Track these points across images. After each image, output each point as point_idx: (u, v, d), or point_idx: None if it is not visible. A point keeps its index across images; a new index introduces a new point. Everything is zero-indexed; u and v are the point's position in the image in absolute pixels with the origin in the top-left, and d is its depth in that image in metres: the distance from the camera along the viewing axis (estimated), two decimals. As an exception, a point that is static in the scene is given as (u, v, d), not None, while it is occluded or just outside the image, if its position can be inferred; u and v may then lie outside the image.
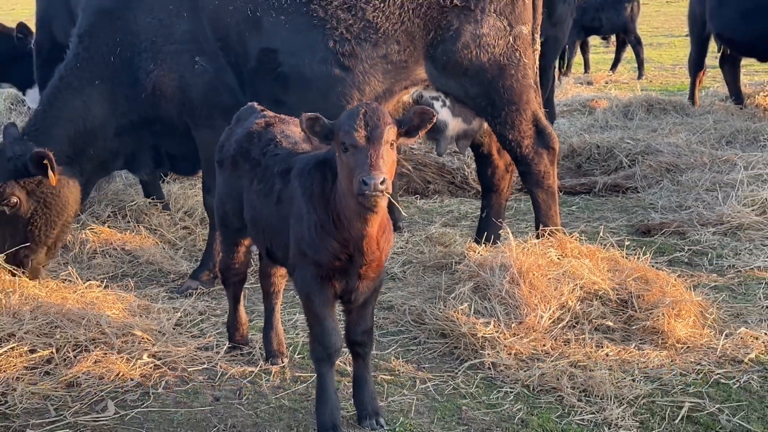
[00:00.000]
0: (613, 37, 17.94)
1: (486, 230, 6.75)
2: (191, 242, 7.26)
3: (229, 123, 5.36)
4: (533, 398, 4.66)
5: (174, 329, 5.47)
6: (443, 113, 6.37)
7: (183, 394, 4.76)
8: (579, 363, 4.91)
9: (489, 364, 4.96)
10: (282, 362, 5.05)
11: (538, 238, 6.06)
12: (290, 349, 5.18)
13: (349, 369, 4.58)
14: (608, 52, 19.08)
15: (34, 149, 6.02)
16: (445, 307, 5.44)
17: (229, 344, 5.25)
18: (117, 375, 4.87)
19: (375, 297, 4.30)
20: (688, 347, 5.15)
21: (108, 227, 7.31)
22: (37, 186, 6.15)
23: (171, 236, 7.31)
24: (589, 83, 16.33)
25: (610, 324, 5.31)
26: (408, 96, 6.32)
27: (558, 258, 5.68)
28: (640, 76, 16.76)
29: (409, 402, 4.62)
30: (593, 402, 4.56)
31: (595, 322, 5.31)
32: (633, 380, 4.75)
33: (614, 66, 17.68)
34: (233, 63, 6.21)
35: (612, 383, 4.67)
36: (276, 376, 4.92)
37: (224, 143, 4.96)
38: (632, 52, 17.15)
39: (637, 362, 4.97)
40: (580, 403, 4.55)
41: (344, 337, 4.34)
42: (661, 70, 17.86)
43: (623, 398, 4.57)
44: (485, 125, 6.56)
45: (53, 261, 6.76)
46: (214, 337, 5.39)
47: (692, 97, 12.77)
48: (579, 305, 5.37)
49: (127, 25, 6.24)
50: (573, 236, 6.03)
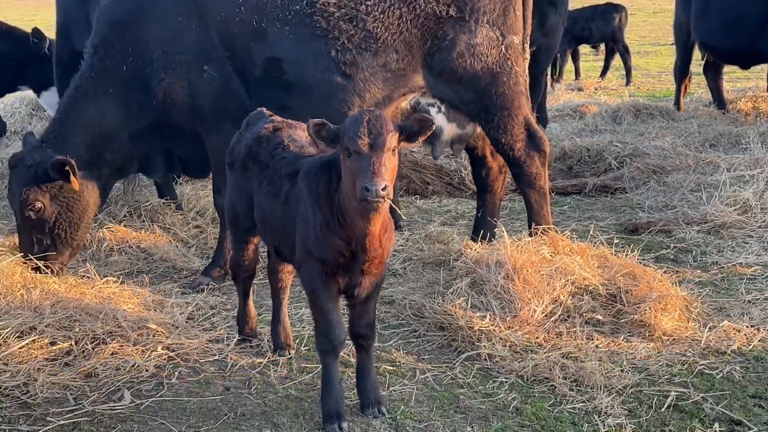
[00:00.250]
0: (603, 46, 17.90)
1: (482, 229, 6.76)
2: (203, 240, 7.27)
3: (237, 128, 5.36)
4: (527, 388, 4.66)
5: (186, 323, 5.47)
6: (439, 119, 6.37)
7: (195, 384, 4.77)
8: (570, 354, 4.91)
9: (485, 356, 4.96)
10: (289, 354, 5.06)
11: (532, 237, 6.06)
12: (297, 342, 5.19)
13: (353, 360, 4.59)
14: (598, 60, 19.05)
15: (56, 157, 6.03)
16: (444, 302, 5.45)
17: (239, 337, 5.25)
18: (133, 366, 4.88)
19: (377, 292, 4.30)
20: (674, 339, 5.16)
21: (124, 226, 7.32)
22: (59, 191, 6.17)
23: (184, 235, 7.31)
24: (580, 89, 16.33)
25: (600, 317, 5.32)
26: (406, 102, 6.32)
27: (550, 255, 5.69)
28: (628, 83, 16.74)
29: (410, 391, 4.62)
30: (584, 391, 4.56)
31: (586, 316, 5.31)
32: (621, 371, 4.75)
33: (603, 73, 17.67)
34: (240, 71, 6.21)
35: (602, 373, 4.67)
36: (283, 367, 4.93)
37: (234, 147, 4.96)
38: (620, 60, 17.14)
39: (626, 354, 4.97)
40: (572, 393, 4.55)
41: (348, 330, 4.34)
42: (648, 77, 17.85)
43: (612, 388, 4.56)
44: (478, 129, 6.57)
45: (73, 259, 6.78)
46: (225, 330, 5.40)
47: (677, 103, 12.77)
48: (570, 300, 5.37)
49: (139, 37, 6.24)
50: (565, 234, 6.03)
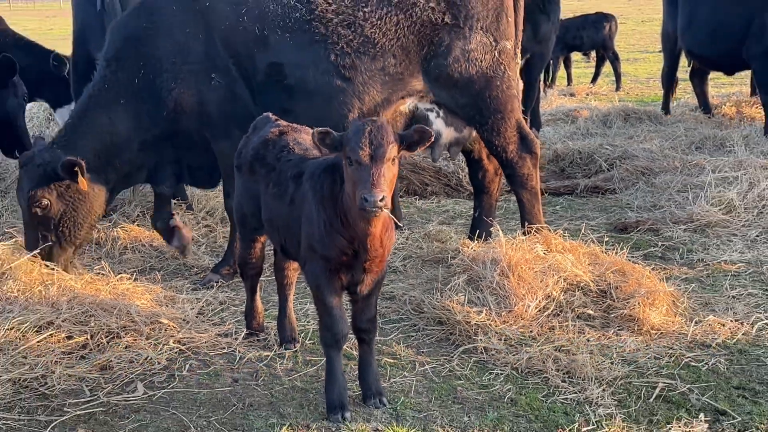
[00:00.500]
0: (593, 53, 17.86)
1: (478, 228, 6.75)
2: (212, 239, 7.27)
3: (243, 132, 5.35)
4: (521, 379, 4.66)
5: (197, 318, 5.48)
6: (437, 123, 6.37)
7: (205, 376, 4.77)
8: (563, 347, 4.90)
9: (481, 349, 4.96)
10: (294, 347, 5.06)
11: (526, 235, 6.06)
12: (302, 336, 5.19)
13: (355, 353, 4.58)
14: (589, 67, 19.02)
15: (67, 157, 6.03)
16: (442, 298, 5.45)
17: (247, 331, 5.25)
18: (145, 359, 4.88)
19: (378, 288, 4.30)
20: (661, 333, 5.15)
21: (137, 226, 7.32)
22: (66, 190, 6.16)
23: (194, 234, 7.30)
24: (572, 95, 16.29)
25: (591, 312, 5.31)
26: (405, 106, 6.31)
27: (544, 253, 5.67)
28: (618, 89, 16.71)
29: (410, 383, 4.62)
30: (576, 383, 4.56)
31: (577, 311, 5.31)
32: (612, 363, 4.75)
33: (594, 79, 17.63)
34: (244, 77, 6.21)
35: (592, 366, 4.67)
36: (289, 360, 4.93)
37: (242, 150, 4.96)
38: (610, 67, 17.09)
39: (616, 347, 4.97)
40: (564, 384, 4.55)
41: (350, 325, 4.35)
42: (637, 83, 17.81)
43: (603, 379, 4.56)
44: (474, 133, 6.57)
45: (89, 257, 6.78)
46: (233, 325, 5.40)
47: (665, 107, 12.74)
48: (563, 295, 5.37)
49: (150, 50, 6.23)
50: (557, 233, 6.02)
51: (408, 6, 6.09)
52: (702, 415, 4.19)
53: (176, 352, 5.00)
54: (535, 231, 6.04)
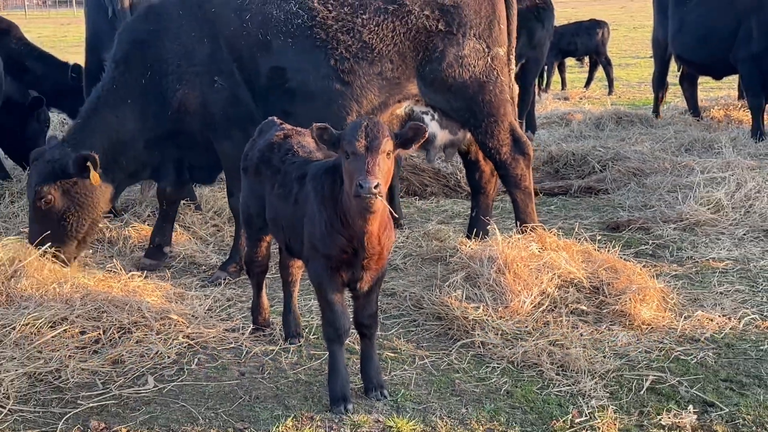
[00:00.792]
0: (587, 59, 17.84)
1: (476, 227, 6.74)
2: (220, 238, 7.26)
3: (245, 134, 5.33)
4: (517, 372, 4.66)
5: (205, 314, 5.47)
6: (432, 126, 6.37)
7: (213, 370, 4.77)
8: (557, 342, 4.91)
9: (479, 343, 4.96)
10: (299, 342, 5.07)
11: (521, 234, 6.06)
12: (306, 331, 5.20)
13: (357, 348, 4.59)
14: (582, 72, 18.99)
15: (81, 152, 6.04)
16: (441, 294, 5.45)
17: (253, 326, 5.25)
18: (156, 353, 4.89)
19: (379, 285, 4.31)
20: (652, 328, 5.15)
21: (148, 225, 7.32)
22: (72, 187, 6.17)
23: (202, 233, 7.31)
24: (566, 99, 16.29)
25: (584, 308, 5.32)
26: (401, 109, 6.32)
27: (538, 251, 5.68)
28: (610, 93, 16.70)
29: (410, 376, 4.63)
30: (569, 376, 4.56)
31: (571, 306, 5.31)
32: (604, 357, 4.75)
33: (587, 84, 17.62)
34: (247, 80, 6.21)
35: (586, 359, 4.67)
36: (294, 354, 4.94)
37: (248, 153, 4.96)
38: (603, 72, 17.08)
39: (608, 341, 4.97)
40: (558, 377, 4.55)
41: (352, 320, 4.35)
42: (629, 87, 17.80)
43: (595, 372, 4.57)
44: (469, 135, 6.57)
45: (101, 255, 6.78)
46: (240, 321, 5.40)
47: (656, 111, 12.74)
48: (557, 292, 5.37)
49: (157, 53, 6.25)
50: (552, 232, 6.02)
51: (404, 14, 6.11)
52: (691, 407, 4.20)
53: (185, 347, 5.01)
54: (531, 230, 6.05)
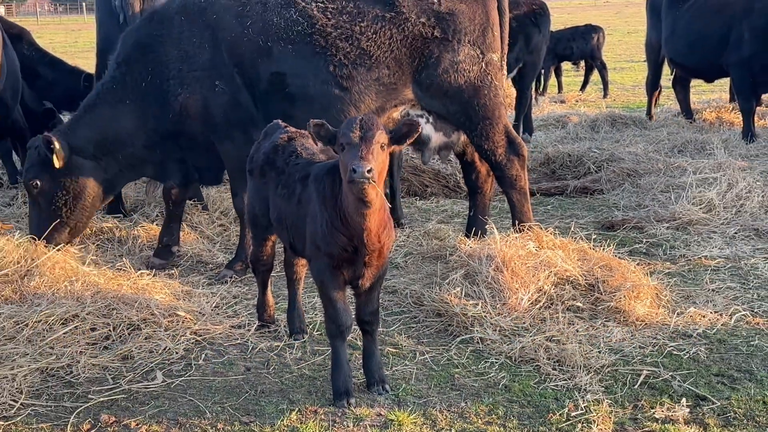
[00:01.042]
0: (583, 63, 17.84)
1: (474, 226, 6.75)
2: (226, 237, 7.27)
3: (247, 136, 5.32)
4: (515, 367, 4.66)
5: (212, 311, 5.48)
6: (427, 128, 6.38)
7: (220, 365, 4.78)
8: (553, 337, 4.91)
9: (477, 339, 4.96)
10: (303, 338, 5.08)
11: (518, 233, 6.07)
12: (310, 327, 5.20)
13: (360, 343, 4.60)
14: (578, 76, 19.00)
15: (45, 134, 6.14)
16: (441, 291, 5.45)
17: (259, 323, 5.26)
18: (164, 349, 4.90)
19: (380, 283, 4.31)
20: (646, 324, 5.15)
21: (156, 225, 7.32)
22: (58, 172, 6.21)
23: (209, 232, 7.31)
24: (562, 102, 16.28)
25: (580, 305, 5.32)
26: (397, 113, 6.33)
27: (535, 249, 5.68)
28: (605, 96, 16.69)
29: (410, 371, 4.63)
30: (565, 370, 4.56)
31: (567, 303, 5.31)
32: (599, 352, 4.75)
33: (583, 87, 17.62)
34: (248, 85, 6.22)
35: (581, 354, 4.67)
36: (298, 350, 4.94)
37: (254, 155, 4.96)
38: (598, 75, 17.08)
39: (603, 337, 4.97)
40: (555, 372, 4.55)
41: (354, 317, 4.36)
42: (623, 91, 17.79)
43: (591, 367, 4.57)
44: (463, 138, 6.58)
45: (111, 254, 6.78)
46: (246, 317, 5.41)
47: (649, 113, 12.74)
48: (553, 289, 5.37)
49: (159, 57, 6.26)
50: (548, 231, 6.03)
51: (400, 21, 6.12)
52: (684, 400, 4.20)
53: (193, 343, 5.02)
54: (527, 229, 6.05)
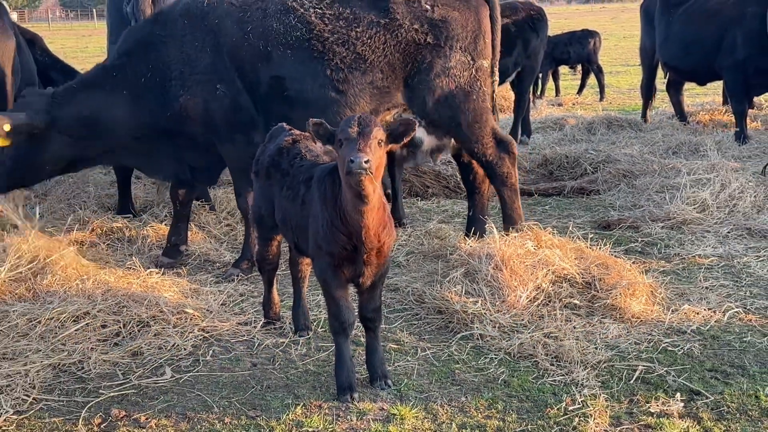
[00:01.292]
0: (579, 67, 17.82)
1: (473, 225, 6.75)
2: (233, 237, 7.27)
3: (248, 138, 5.29)
4: (514, 363, 4.66)
5: (219, 308, 5.49)
6: (419, 131, 6.35)
7: (227, 361, 4.79)
8: (551, 334, 4.90)
9: (477, 335, 4.96)
10: (308, 334, 5.08)
11: (507, 230, 6.10)
12: (314, 324, 5.20)
13: (363, 340, 4.60)
14: (575, 79, 18.96)
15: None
16: (441, 289, 5.45)
17: (265, 320, 5.27)
18: (173, 345, 4.91)
19: (382, 281, 4.31)
20: (641, 321, 5.15)
21: (165, 225, 7.32)
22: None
23: (216, 232, 7.31)
24: (560, 105, 16.26)
25: (577, 302, 5.31)
26: (390, 116, 6.33)
27: (534, 248, 5.68)
28: (602, 99, 16.68)
29: (412, 366, 4.63)
30: (563, 366, 4.56)
31: (565, 301, 5.31)
32: (596, 348, 4.75)
33: (580, 90, 17.59)
34: (248, 88, 6.21)
35: (578, 351, 4.67)
36: (303, 346, 4.95)
37: (259, 157, 4.97)
38: (595, 79, 17.06)
39: (599, 333, 4.96)
40: (552, 367, 4.55)
41: (357, 314, 4.35)
42: (619, 94, 17.77)
43: (588, 363, 4.56)
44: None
45: (121, 253, 6.78)
46: (252, 314, 5.41)
47: (644, 116, 12.72)
48: (551, 287, 5.37)
49: (161, 57, 6.24)
50: (546, 230, 6.02)
51: (394, 27, 6.12)
52: (678, 395, 4.20)
53: (201, 339, 5.02)
54: (519, 228, 6.07)
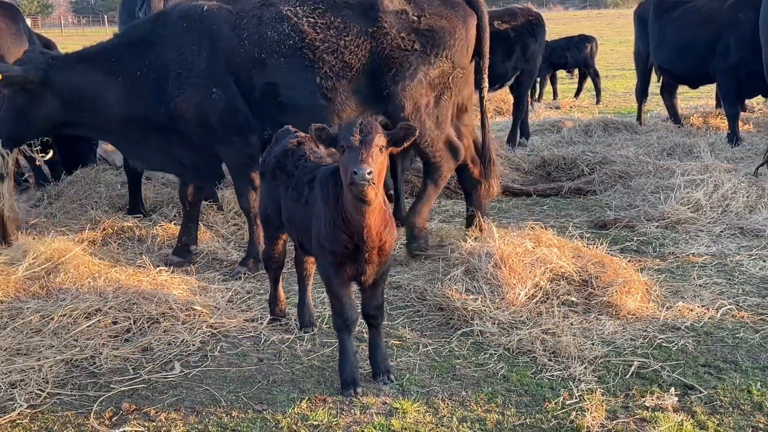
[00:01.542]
0: (576, 71, 17.81)
1: (473, 224, 6.74)
2: (240, 236, 7.27)
3: (244, 139, 5.25)
4: (513, 359, 4.65)
5: (227, 305, 5.49)
6: None
7: (234, 357, 4.79)
8: (549, 330, 4.90)
9: (477, 332, 4.96)
10: (312, 331, 5.08)
11: (407, 219, 6.44)
12: (319, 320, 5.20)
13: (366, 336, 4.59)
14: (572, 83, 18.95)
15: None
16: (442, 287, 5.44)
17: (271, 317, 5.26)
18: (182, 341, 4.91)
19: (384, 279, 4.30)
20: (637, 318, 5.14)
21: (174, 225, 7.33)
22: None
23: (224, 231, 7.32)
24: (557, 108, 16.25)
25: (574, 299, 5.30)
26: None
27: (532, 247, 5.67)
28: (598, 102, 16.66)
29: (414, 362, 4.63)
30: (561, 361, 4.55)
31: (562, 298, 5.30)
32: (592, 344, 4.74)
33: (577, 94, 17.59)
34: (243, 93, 6.22)
35: (575, 346, 4.66)
36: (308, 342, 4.95)
37: (266, 159, 4.97)
38: (592, 83, 17.05)
39: (596, 330, 4.95)
40: (550, 363, 4.55)
41: (360, 311, 4.35)
42: (615, 97, 17.76)
43: (585, 358, 4.56)
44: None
45: (131, 252, 6.78)
46: (259, 311, 5.41)
47: (639, 118, 12.70)
48: (549, 284, 5.36)
49: (158, 56, 6.24)
50: (546, 229, 6.01)
51: (381, 35, 6.13)
52: (672, 390, 4.19)
53: (209, 335, 5.02)
54: (530, 228, 6.06)
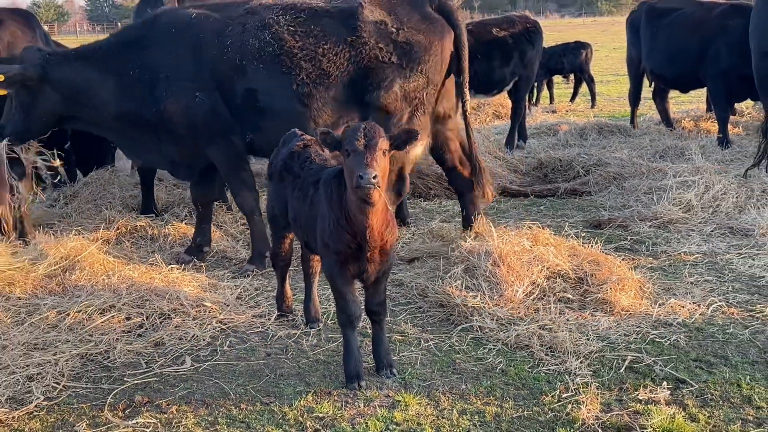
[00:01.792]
0: (572, 76, 17.79)
1: (469, 223, 6.75)
2: (249, 235, 7.25)
3: (229, 141, 5.24)
4: (511, 353, 4.66)
5: (236, 301, 5.50)
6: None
7: (243, 351, 4.80)
8: (546, 326, 4.90)
9: (477, 327, 4.96)
10: (318, 326, 5.08)
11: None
12: (324, 316, 5.21)
13: (369, 331, 4.60)
14: (568, 88, 18.92)
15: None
16: (443, 284, 5.45)
17: (278, 313, 5.27)
18: (192, 336, 4.92)
19: (386, 277, 4.31)
20: (630, 314, 5.14)
21: (185, 224, 7.34)
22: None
23: (233, 231, 7.33)
24: (554, 112, 16.23)
25: (570, 296, 5.31)
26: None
27: (530, 246, 5.68)
28: (593, 106, 16.64)
29: (416, 357, 4.64)
30: (557, 356, 4.55)
31: (558, 295, 5.30)
32: (588, 339, 4.74)
33: (573, 98, 17.57)
34: (225, 98, 6.24)
35: (571, 342, 4.66)
36: (314, 337, 4.95)
37: (273, 161, 4.97)
38: (587, 88, 17.04)
39: (591, 325, 4.96)
40: (547, 357, 4.55)
41: (364, 307, 4.36)
42: (609, 101, 17.73)
43: (580, 353, 4.56)
44: (419, 150, 6.51)
45: (144, 250, 6.78)
46: (267, 308, 5.42)
47: (633, 122, 12.68)
48: (546, 282, 5.36)
49: (151, 58, 6.25)
50: (543, 229, 6.01)
51: (359, 45, 6.13)
52: (665, 383, 4.19)
53: (218, 331, 5.03)
54: (527, 228, 6.06)
